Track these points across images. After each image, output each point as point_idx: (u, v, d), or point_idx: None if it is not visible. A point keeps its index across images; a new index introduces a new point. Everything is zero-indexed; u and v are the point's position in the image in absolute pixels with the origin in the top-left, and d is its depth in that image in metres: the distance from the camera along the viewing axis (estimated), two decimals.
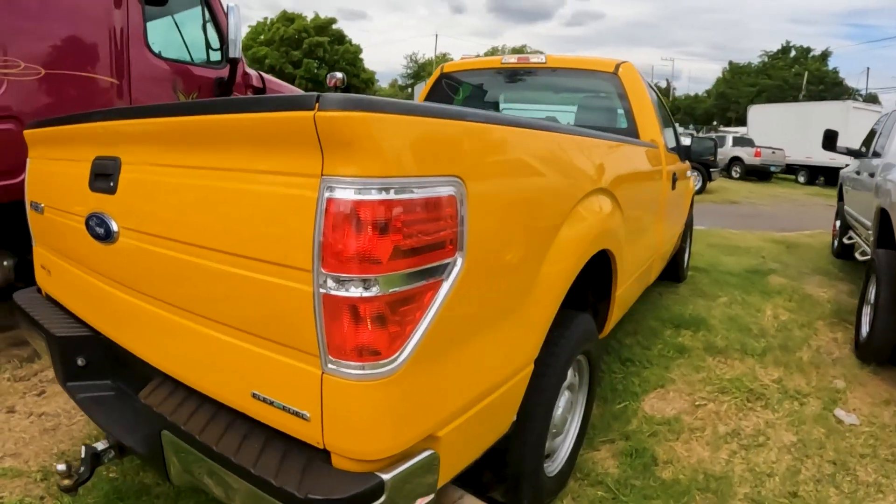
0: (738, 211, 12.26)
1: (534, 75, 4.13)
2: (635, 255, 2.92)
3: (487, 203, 1.36)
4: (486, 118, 1.41)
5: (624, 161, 2.64)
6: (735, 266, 6.54)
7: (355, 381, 1.11)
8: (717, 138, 22.83)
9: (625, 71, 3.63)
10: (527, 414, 1.78)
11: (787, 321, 4.56)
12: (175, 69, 4.50)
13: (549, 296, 1.71)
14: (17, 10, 3.64)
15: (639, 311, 4.66)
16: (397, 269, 1.10)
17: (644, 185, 3.10)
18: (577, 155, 1.98)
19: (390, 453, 1.18)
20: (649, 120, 3.59)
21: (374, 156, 1.07)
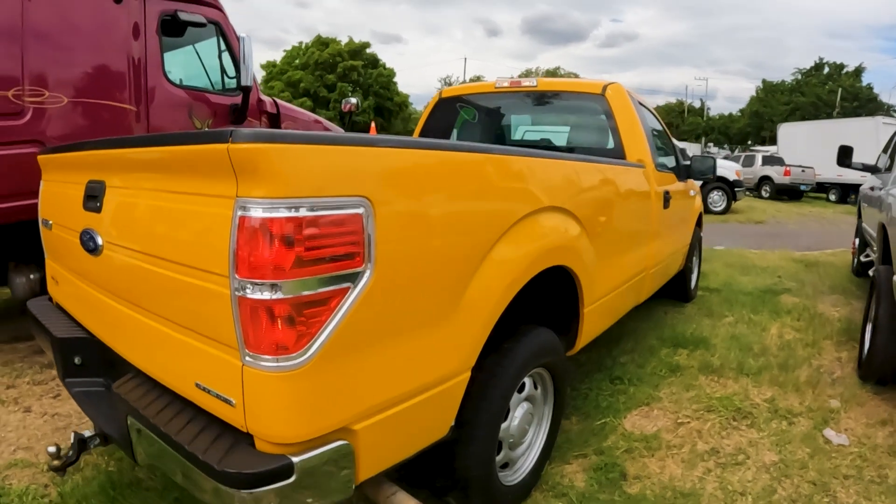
0: (762, 230, 12.03)
1: (526, 98, 4.20)
2: (612, 274, 2.93)
3: (398, 221, 1.47)
4: (396, 143, 1.51)
5: (590, 180, 2.67)
6: (749, 285, 6.43)
7: (268, 372, 1.27)
8: (746, 157, 22.57)
9: (612, 92, 3.67)
10: (470, 421, 1.86)
11: (792, 340, 4.47)
12: (192, 97, 4.67)
13: (482, 309, 1.76)
14: (41, 43, 3.84)
15: (639, 329, 4.63)
16: (300, 276, 1.26)
17: (624, 204, 3.12)
18: (515, 175, 2.01)
19: (301, 439, 1.33)
20: (636, 140, 3.61)
21: (279, 180, 1.24)
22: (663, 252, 4.07)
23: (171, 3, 4.46)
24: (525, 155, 2.13)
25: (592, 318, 2.71)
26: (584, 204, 2.52)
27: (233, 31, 4.94)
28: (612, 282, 2.95)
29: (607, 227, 2.83)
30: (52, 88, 3.89)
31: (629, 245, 3.22)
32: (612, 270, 2.93)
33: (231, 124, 4.92)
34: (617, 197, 3.02)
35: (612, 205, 2.94)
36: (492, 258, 1.79)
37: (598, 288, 2.72)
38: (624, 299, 3.23)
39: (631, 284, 3.30)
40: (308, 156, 1.28)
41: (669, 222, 4.20)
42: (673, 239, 4.46)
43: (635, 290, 3.46)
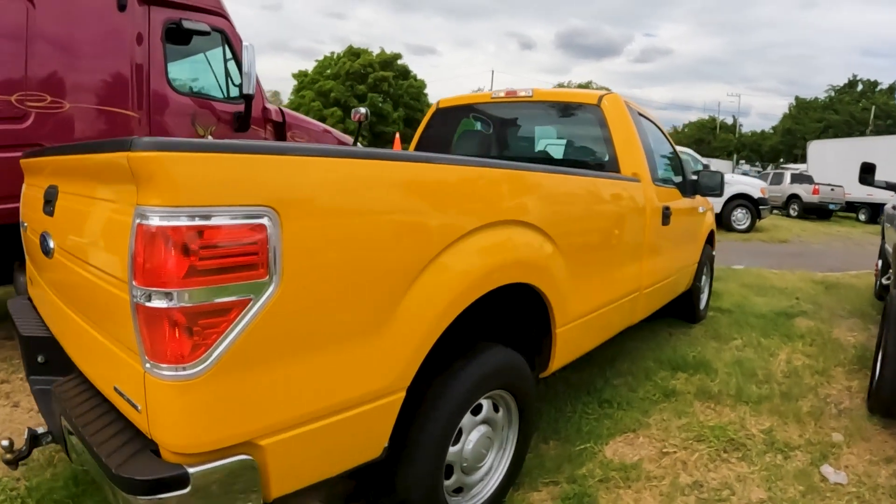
0: (784, 250, 11.66)
1: (522, 109, 4.08)
2: (594, 292, 2.78)
3: (311, 233, 1.40)
4: (307, 151, 1.42)
5: (566, 194, 2.53)
6: (763, 307, 6.18)
7: (164, 381, 1.26)
8: (774, 174, 22.04)
9: (608, 103, 3.53)
10: (411, 442, 1.78)
11: (801, 367, 4.24)
12: (196, 104, 4.67)
13: (416, 327, 1.66)
14: (45, 49, 3.87)
15: (638, 350, 4.45)
16: (196, 285, 1.23)
17: (610, 220, 2.97)
18: (458, 188, 1.86)
19: (198, 449, 1.30)
20: (632, 153, 3.46)
21: (177, 188, 1.21)
22: (663, 270, 3.89)
23: (176, 12, 4.47)
24: (475, 165, 1.99)
25: (568, 338, 2.56)
26: (556, 219, 2.38)
27: (238, 39, 4.92)
28: (595, 301, 2.80)
29: (587, 244, 2.69)
30: (54, 94, 3.93)
31: (616, 263, 3.06)
32: (593, 289, 2.78)
33: (234, 132, 4.89)
34: (601, 212, 2.88)
35: (594, 220, 2.79)
36: (430, 274, 1.68)
37: (575, 307, 2.58)
38: (610, 319, 3.07)
39: (620, 304, 3.14)
40: (207, 164, 1.24)
41: (670, 239, 4.02)
42: (676, 256, 4.28)
43: (626, 310, 3.30)
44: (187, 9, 4.53)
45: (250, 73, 4.67)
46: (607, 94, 3.59)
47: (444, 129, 4.51)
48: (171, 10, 4.43)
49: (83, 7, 4.01)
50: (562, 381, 3.75)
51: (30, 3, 3.81)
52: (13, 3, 3.85)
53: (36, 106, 3.89)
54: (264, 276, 1.30)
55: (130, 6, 4.19)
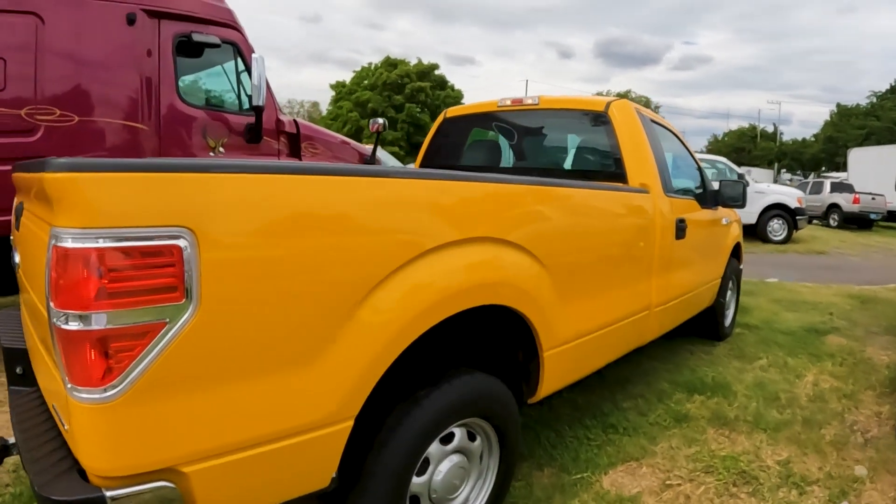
0: (821, 262, 11.17)
1: (529, 117, 3.92)
2: (591, 313, 2.61)
3: (234, 255, 1.33)
4: (230, 169, 1.33)
5: (555, 208, 2.36)
6: (793, 323, 5.86)
7: (81, 404, 1.23)
8: (814, 184, 21.28)
9: (616, 110, 3.35)
10: (367, 472, 1.70)
11: (828, 390, 3.96)
12: (207, 116, 4.66)
13: (361, 354, 1.55)
14: (54, 64, 3.91)
15: (654, 371, 4.23)
16: (108, 308, 1.19)
17: (610, 235, 2.80)
18: (408, 204, 1.71)
19: (114, 473, 1.26)
20: (641, 163, 3.28)
21: (89, 209, 1.18)
22: (679, 286, 3.68)
23: (187, 25, 4.47)
24: (433, 178, 1.83)
25: (559, 362, 2.39)
26: (542, 236, 2.22)
27: (251, 51, 4.89)
28: (592, 322, 2.62)
29: (582, 262, 2.52)
30: (63, 108, 3.98)
31: (619, 280, 2.88)
32: (590, 309, 2.60)
33: (247, 144, 4.87)
34: (600, 227, 2.70)
35: (591, 236, 2.62)
36: (374, 300, 1.56)
37: (567, 329, 2.41)
38: (613, 340, 2.89)
39: (625, 324, 2.95)
40: (120, 185, 1.20)
41: (687, 253, 3.81)
42: (694, 271, 4.06)
43: (633, 330, 3.11)
44: (198, 22, 4.54)
45: (260, 85, 4.64)
46: (615, 101, 3.42)
47: (453, 138, 4.39)
48: (181, 23, 4.44)
49: (92, 22, 4.05)
50: (568, 404, 3.57)
51: (39, 20, 3.87)
52: (23, 20, 3.91)
53: (45, 120, 3.94)
54: (181, 298, 1.24)
55: (140, 21, 4.22)
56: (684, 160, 4.37)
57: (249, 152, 4.94)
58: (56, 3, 3.92)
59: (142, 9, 4.22)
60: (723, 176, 13.42)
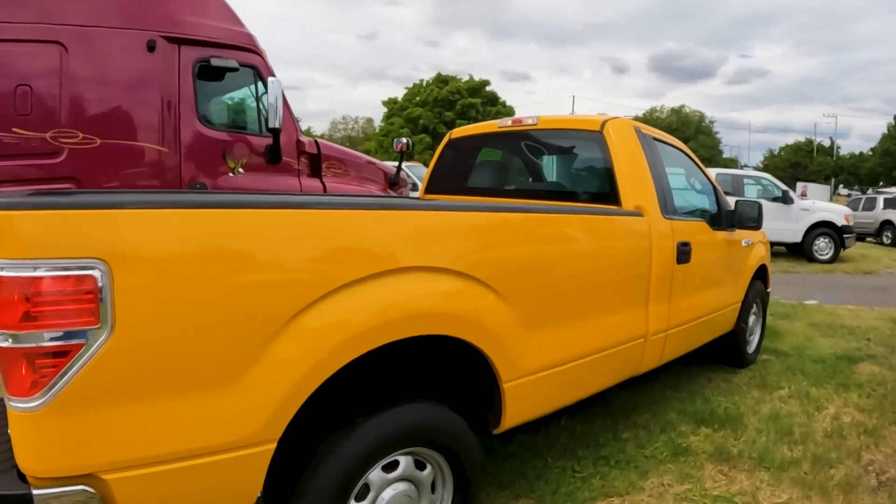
0: (868, 283, 10.56)
1: (528, 138, 3.83)
2: (565, 342, 2.49)
3: (146, 284, 1.40)
4: (142, 204, 1.40)
5: (515, 236, 2.27)
6: (826, 350, 5.53)
7: (15, 411, 1.37)
8: (867, 199, 20.28)
9: (611, 129, 3.22)
10: (296, 494, 1.72)
11: (848, 424, 3.69)
12: (228, 138, 4.73)
13: (278, 381, 1.59)
14: (77, 89, 4.06)
15: (664, 399, 4.04)
16: (32, 329, 1.33)
17: (591, 260, 2.67)
18: (323, 235, 1.70)
19: (43, 474, 1.38)
20: (636, 184, 3.14)
21: (18, 242, 1.31)
22: (684, 313, 3.50)
23: (207, 50, 4.55)
24: (356, 207, 1.79)
25: (523, 393, 2.28)
26: (496, 264, 2.13)
27: (271, 74, 4.94)
28: (567, 351, 2.49)
29: (550, 290, 2.40)
30: (86, 130, 4.11)
31: (604, 308, 2.74)
32: (563, 339, 2.47)
33: (266, 164, 4.93)
34: (576, 252, 2.57)
35: (564, 263, 2.48)
36: (293, 329, 1.60)
37: (533, 360, 2.30)
38: (595, 371, 2.74)
39: (610, 354, 2.79)
40: (46, 220, 1.32)
41: (694, 278, 3.62)
42: (706, 296, 3.86)
43: (624, 359, 2.95)
44: (218, 47, 4.61)
45: (276, 106, 4.66)
46: (611, 120, 3.29)
47: (459, 160, 4.34)
48: (201, 48, 4.52)
49: (113, 49, 4.17)
50: (565, 432, 3.43)
51: (63, 48, 4.02)
52: (47, 49, 4.07)
53: (69, 142, 4.08)
54: (96, 323, 1.35)
55: (160, 47, 4.32)
56: (696, 180, 4.19)
57: (270, 173, 4.99)
58: (78, 33, 4.07)
59: (162, 36, 4.33)
60: (768, 193, 12.92)
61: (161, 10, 4.33)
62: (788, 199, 12.55)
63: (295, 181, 5.23)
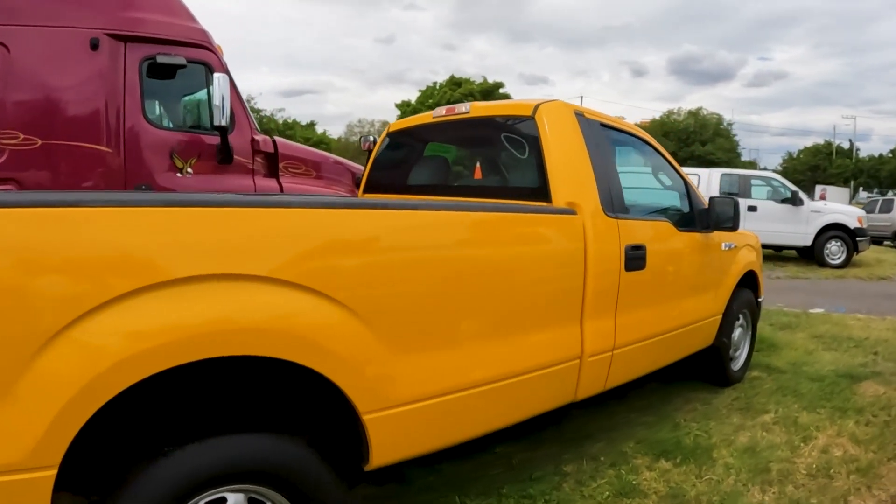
0: (882, 289, 9.84)
1: (462, 128, 3.33)
2: (454, 368, 2.00)
3: None
4: None
5: (377, 240, 1.82)
6: (827, 366, 4.92)
7: None
8: (884, 202, 19.38)
9: (545, 114, 2.71)
10: None
11: (839, 460, 3.11)
12: (177, 138, 4.53)
13: (41, 405, 1.38)
14: (18, 89, 3.95)
15: (628, 424, 3.53)
16: None
17: (482, 270, 2.15)
18: (109, 236, 1.43)
19: None
20: (570, 177, 2.62)
21: None
22: (639, 328, 2.97)
23: (155, 47, 4.34)
24: (164, 204, 1.48)
25: (396, 427, 1.86)
26: (348, 273, 1.73)
27: (224, 70, 4.65)
28: (458, 378, 2.01)
29: (432, 305, 1.93)
30: (27, 132, 3.99)
31: (512, 325, 2.23)
32: (453, 363, 2.00)
33: (218, 164, 4.67)
34: (468, 258, 2.08)
35: (449, 271, 2.00)
36: (70, 338, 1.37)
37: (406, 388, 1.88)
38: (502, 401, 2.23)
39: (527, 380, 2.28)
40: None
41: (654, 287, 3.10)
42: (671, 309, 3.32)
43: (547, 386, 2.43)
44: (168, 43, 4.39)
45: (221, 104, 4.40)
46: (546, 104, 2.78)
47: (397, 155, 3.87)
48: (149, 45, 4.31)
49: (56, 49, 4.04)
50: (501, 462, 2.94)
51: (4, 48, 3.90)
52: None
53: (9, 144, 3.92)
54: None
55: (104, 45, 4.14)
56: (663, 175, 3.65)
57: (221, 173, 4.72)
58: (20, 33, 3.95)
59: (106, 33, 4.17)
60: (778, 195, 12.24)
61: (105, 8, 4.19)
62: (798, 201, 11.87)
63: (249, 181, 4.96)
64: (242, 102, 4.90)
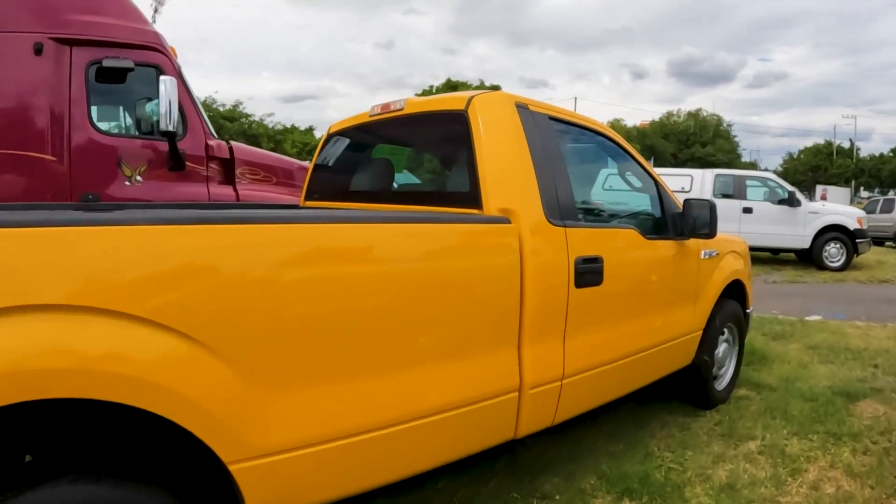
0: (884, 293, 9.42)
1: (397, 126, 2.95)
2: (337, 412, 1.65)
3: None
4: None
5: (235, 261, 1.49)
6: (822, 381, 4.52)
7: None
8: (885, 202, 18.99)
9: (479, 107, 2.33)
10: None
11: (832, 498, 2.71)
12: (124, 144, 4.35)
13: None
14: None
15: (592, 453, 3.14)
16: None
17: (389, 292, 1.79)
18: None
19: None
20: (506, 180, 2.24)
21: None
22: (599, 352, 2.60)
23: (103, 50, 4.19)
24: None
25: (268, 478, 1.54)
26: (198, 302, 1.44)
27: (175, 72, 4.46)
28: (352, 420, 1.69)
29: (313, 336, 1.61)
30: None
31: (418, 356, 1.86)
32: (342, 402, 1.66)
33: (169, 171, 4.48)
34: (357, 277, 1.71)
35: (331, 294, 1.64)
36: None
37: (281, 434, 1.58)
38: (410, 445, 1.85)
39: (449, 418, 1.91)
40: None
41: (614, 304, 2.72)
42: (639, 327, 2.94)
43: (477, 425, 2.05)
44: (116, 46, 4.25)
45: (168, 108, 4.16)
46: (481, 95, 2.39)
47: (338, 158, 3.50)
48: (97, 48, 4.16)
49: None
50: (442, 497, 2.60)
51: None
52: None
53: None
54: None
55: (48, 50, 4.00)
56: (629, 175, 3.27)
57: (173, 180, 4.52)
58: None
59: (51, 37, 4.02)
60: (774, 195, 11.84)
61: (50, 11, 4.03)
62: (795, 202, 11.48)
63: (203, 189, 4.74)
64: (197, 106, 4.73)
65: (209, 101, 26.73)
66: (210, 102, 26.74)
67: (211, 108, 26.54)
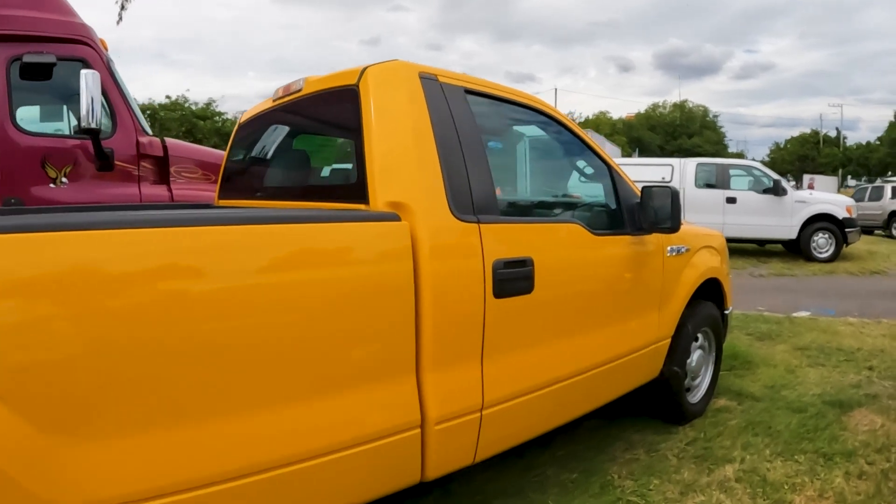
0: (876, 285, 9.06)
1: (298, 109, 2.51)
2: (188, 460, 1.30)
3: None
4: None
5: None
6: (812, 388, 4.10)
7: None
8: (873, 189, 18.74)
9: (371, 80, 1.88)
10: None
11: None
12: (48, 144, 4.16)
13: None
14: None
15: (540, 483, 2.70)
16: None
17: (230, 314, 1.38)
18: None
19: None
20: (397, 167, 1.80)
21: None
22: (535, 373, 2.15)
23: (25, 45, 3.94)
24: None
25: None
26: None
27: (104, 67, 4.19)
28: (201, 468, 1.35)
29: (126, 368, 1.30)
30: None
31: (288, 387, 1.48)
32: (188, 447, 1.34)
33: (97, 171, 4.22)
34: (188, 297, 1.32)
35: (148, 315, 1.28)
36: None
37: (112, 487, 1.24)
38: (284, 494, 1.44)
39: (330, 462, 1.49)
40: None
41: (550, 315, 2.27)
42: (587, 340, 2.50)
43: (372, 467, 1.62)
44: (40, 40, 3.99)
45: (91, 104, 3.73)
46: (377, 66, 1.94)
47: (251, 151, 3.07)
48: (18, 44, 3.91)
49: None
50: None
51: None
52: None
53: None
54: None
55: None
56: (576, 160, 2.81)
57: (101, 181, 4.29)
58: None
59: None
60: (759, 185, 11.47)
61: None
62: (781, 190, 11.11)
63: (134, 189, 4.50)
64: (128, 101, 4.47)
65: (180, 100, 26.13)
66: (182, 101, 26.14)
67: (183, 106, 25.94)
